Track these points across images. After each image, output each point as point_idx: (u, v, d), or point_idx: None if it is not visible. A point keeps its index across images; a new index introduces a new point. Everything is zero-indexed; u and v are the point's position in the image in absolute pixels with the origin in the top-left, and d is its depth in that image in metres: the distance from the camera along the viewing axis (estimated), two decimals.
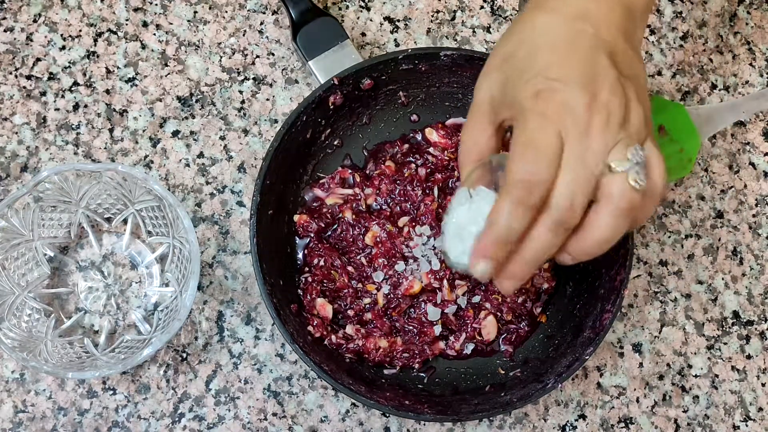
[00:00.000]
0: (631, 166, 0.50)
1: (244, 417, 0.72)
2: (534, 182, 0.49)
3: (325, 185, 0.74)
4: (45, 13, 0.77)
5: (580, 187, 0.50)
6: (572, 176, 0.49)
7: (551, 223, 0.50)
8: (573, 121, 0.50)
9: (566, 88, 0.50)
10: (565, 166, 0.50)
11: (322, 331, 0.71)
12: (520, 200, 0.50)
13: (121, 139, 0.76)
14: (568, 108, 0.50)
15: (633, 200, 0.50)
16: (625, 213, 0.50)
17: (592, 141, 0.50)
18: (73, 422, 0.70)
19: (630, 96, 0.51)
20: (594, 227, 0.51)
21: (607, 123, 0.50)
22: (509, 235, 0.51)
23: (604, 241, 0.51)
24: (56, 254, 0.73)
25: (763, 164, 0.80)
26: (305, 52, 0.74)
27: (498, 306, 0.72)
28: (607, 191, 0.50)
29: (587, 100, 0.50)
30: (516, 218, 0.50)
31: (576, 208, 0.50)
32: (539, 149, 0.50)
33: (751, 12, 0.83)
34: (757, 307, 0.77)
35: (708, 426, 0.75)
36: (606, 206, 0.50)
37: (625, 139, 0.50)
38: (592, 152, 0.50)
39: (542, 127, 0.50)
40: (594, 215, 0.51)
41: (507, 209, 0.50)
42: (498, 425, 0.73)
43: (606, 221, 0.51)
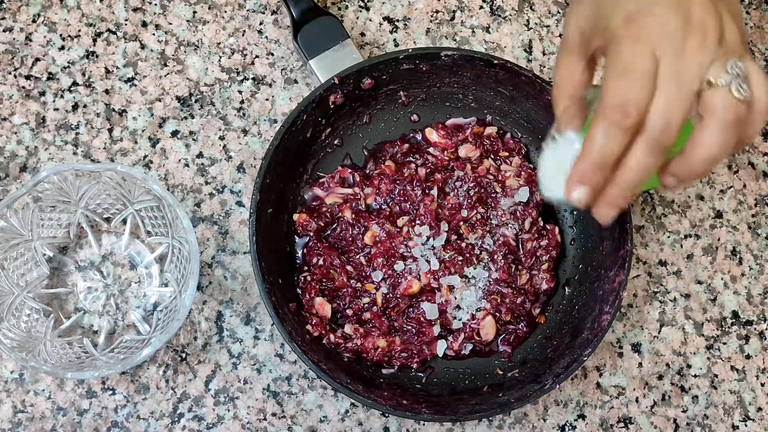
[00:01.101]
0: (732, 78, 0.49)
1: (244, 417, 0.72)
2: (629, 104, 0.49)
3: (324, 184, 0.74)
4: (44, 13, 0.77)
5: (677, 105, 0.49)
6: (668, 95, 0.49)
7: (648, 144, 0.50)
8: (668, 42, 0.49)
9: (659, 10, 0.50)
10: (661, 86, 0.49)
11: (321, 331, 0.71)
12: (616, 123, 0.49)
13: (120, 139, 0.75)
14: (661, 29, 0.50)
15: (738, 112, 0.50)
16: (731, 126, 0.50)
17: (689, 59, 0.49)
18: (73, 422, 0.70)
19: (724, 15, 0.51)
20: (700, 144, 0.50)
21: (703, 42, 0.50)
22: (605, 159, 0.50)
23: (711, 159, 0.51)
24: (55, 254, 0.73)
25: (762, 164, 0.80)
26: (306, 51, 0.74)
27: (497, 306, 0.72)
28: (711, 106, 0.50)
29: (681, 20, 0.50)
30: (612, 142, 0.49)
31: (672, 127, 0.49)
32: (634, 72, 0.49)
33: (750, 12, 0.83)
34: (756, 307, 0.77)
35: (707, 426, 0.75)
36: (712, 121, 0.50)
37: (724, 55, 0.50)
38: (688, 71, 0.49)
39: (636, 50, 0.50)
40: (699, 132, 0.50)
41: (602, 133, 0.50)
42: (497, 425, 0.73)
43: (713, 136, 0.50)
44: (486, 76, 0.73)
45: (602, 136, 0.50)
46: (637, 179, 0.51)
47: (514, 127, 0.77)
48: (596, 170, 0.51)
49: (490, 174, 0.74)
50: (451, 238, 0.73)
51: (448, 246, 0.72)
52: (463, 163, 0.75)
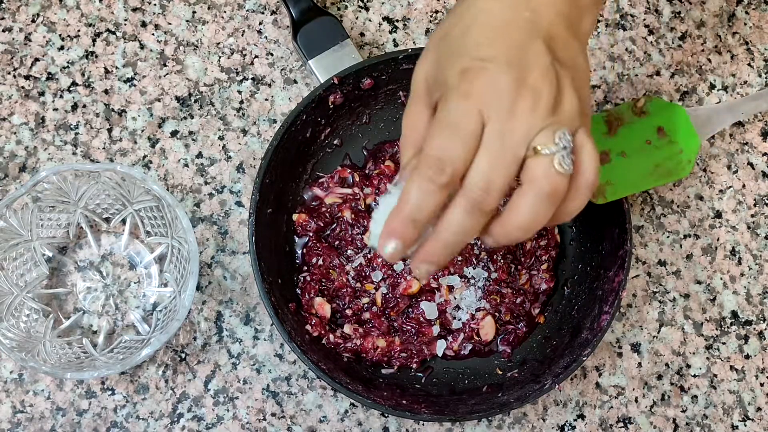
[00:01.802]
0: (557, 150, 0.48)
1: (243, 417, 0.72)
2: (446, 160, 0.48)
3: (324, 184, 0.74)
4: (43, 13, 0.77)
5: (498, 169, 0.48)
6: (490, 157, 0.48)
7: (466, 204, 0.48)
8: (497, 102, 0.48)
9: (493, 68, 0.49)
10: (483, 146, 0.48)
11: (321, 331, 0.71)
12: (430, 178, 0.48)
13: (119, 139, 0.75)
14: (492, 88, 0.48)
15: (556, 184, 0.48)
16: (547, 197, 0.48)
17: (516, 122, 0.48)
18: (72, 422, 0.70)
19: (564, 83, 0.50)
20: (515, 210, 0.49)
21: (534, 106, 0.48)
22: (418, 214, 0.49)
23: (524, 226, 0.49)
24: (55, 254, 0.73)
25: (761, 164, 0.80)
26: (305, 51, 0.74)
27: (496, 306, 0.72)
28: (530, 173, 0.48)
29: (514, 81, 0.48)
30: (425, 197, 0.48)
31: (492, 190, 0.48)
32: (455, 126, 0.48)
33: (750, 12, 0.83)
34: (755, 307, 0.77)
35: (706, 426, 0.75)
36: (528, 189, 0.49)
37: (554, 125, 0.48)
38: (514, 133, 0.48)
39: (463, 105, 0.48)
40: (516, 198, 0.49)
41: (416, 188, 0.48)
42: (497, 425, 0.73)
43: (527, 204, 0.49)
44: None
45: (415, 190, 0.48)
46: (457, 239, 0.50)
47: None
48: (408, 225, 0.49)
49: None
50: None
51: None
52: None
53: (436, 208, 0.49)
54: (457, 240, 0.50)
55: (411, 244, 0.50)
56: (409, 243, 0.50)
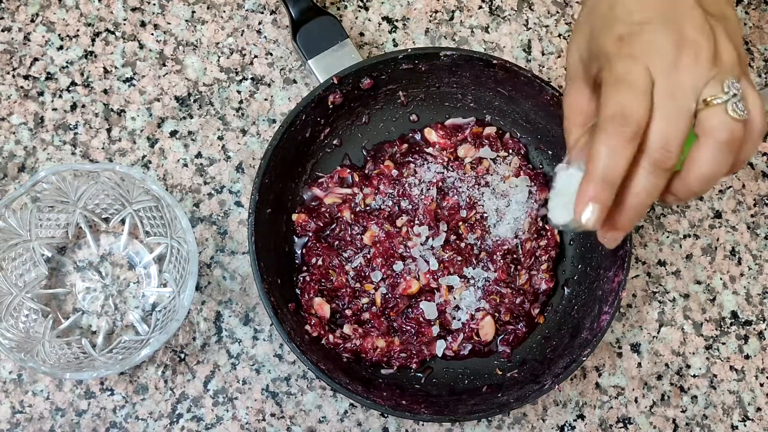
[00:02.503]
0: (728, 98, 0.49)
1: (243, 417, 0.71)
2: (626, 114, 0.48)
3: (323, 184, 0.74)
4: (42, 12, 0.77)
5: (674, 124, 0.49)
6: (664, 113, 0.49)
7: (649, 164, 0.49)
8: (660, 59, 0.49)
9: (650, 29, 0.50)
10: (656, 104, 0.49)
11: (320, 331, 0.71)
12: (616, 134, 0.49)
13: (118, 139, 0.75)
14: (654, 47, 0.50)
15: (734, 131, 0.49)
16: (726, 146, 0.49)
17: (683, 77, 0.49)
18: (71, 423, 0.70)
19: (719, 35, 0.51)
20: (696, 163, 0.50)
21: (697, 59, 0.49)
22: (611, 174, 0.49)
23: (707, 178, 0.50)
24: (54, 254, 0.72)
25: (761, 164, 0.80)
26: (305, 51, 0.74)
27: (496, 307, 0.72)
28: (706, 124, 0.49)
29: (672, 38, 0.50)
30: (615, 154, 0.49)
31: (671, 147, 0.49)
32: (629, 83, 0.49)
33: (750, 12, 0.83)
34: (755, 307, 0.77)
35: (706, 426, 0.75)
36: (707, 140, 0.49)
37: (719, 75, 0.49)
38: (683, 88, 0.49)
39: (630, 66, 0.49)
40: (696, 151, 0.50)
41: (604, 148, 0.49)
42: (496, 425, 0.73)
43: (708, 156, 0.49)
44: (485, 76, 0.73)
45: (604, 150, 0.49)
46: (643, 202, 0.51)
47: (513, 127, 0.77)
48: (604, 186, 0.50)
49: (489, 174, 0.74)
50: (450, 238, 0.73)
51: (447, 246, 0.72)
52: (462, 163, 0.74)
53: (627, 164, 0.49)
54: (644, 202, 0.50)
55: (608, 205, 0.50)
56: (606, 204, 0.50)
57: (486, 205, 0.74)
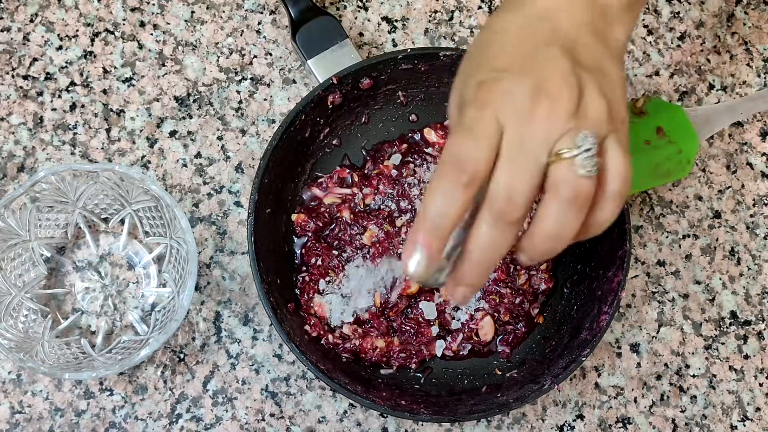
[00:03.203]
0: (578, 152, 0.46)
1: (242, 417, 0.71)
2: (464, 159, 0.46)
3: (323, 184, 0.74)
4: (42, 12, 0.77)
5: (519, 175, 0.46)
6: (510, 164, 0.46)
7: (490, 217, 0.47)
8: (513, 108, 0.47)
9: (509, 77, 0.47)
10: (503, 154, 0.46)
11: (319, 331, 0.71)
12: (450, 179, 0.46)
13: (118, 139, 0.75)
14: (508, 95, 0.47)
15: (579, 188, 0.46)
16: (570, 202, 0.46)
17: (534, 127, 0.46)
18: (70, 423, 0.70)
19: (588, 88, 0.48)
20: (540, 220, 0.47)
21: (553, 110, 0.46)
22: (441, 220, 0.46)
23: (551, 236, 0.48)
24: (53, 255, 0.72)
25: (760, 164, 0.80)
26: (304, 51, 0.74)
27: (495, 307, 0.72)
28: (551, 178, 0.46)
29: (530, 88, 0.47)
30: (447, 199, 0.46)
31: (516, 199, 0.46)
32: (471, 130, 0.47)
33: (749, 12, 0.83)
34: (754, 307, 0.77)
35: (706, 426, 0.75)
36: (550, 195, 0.47)
37: (577, 128, 0.47)
38: (533, 139, 0.46)
39: (479, 113, 0.47)
40: (540, 207, 0.47)
41: (437, 190, 0.46)
42: (496, 425, 0.73)
43: (551, 212, 0.47)
44: None
45: (437, 195, 0.46)
46: (488, 256, 0.47)
47: None
48: (432, 233, 0.46)
49: None
50: None
51: None
52: None
53: (460, 212, 0.46)
54: (488, 257, 0.48)
55: (437, 255, 0.47)
56: (434, 255, 0.47)
57: None
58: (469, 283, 0.49)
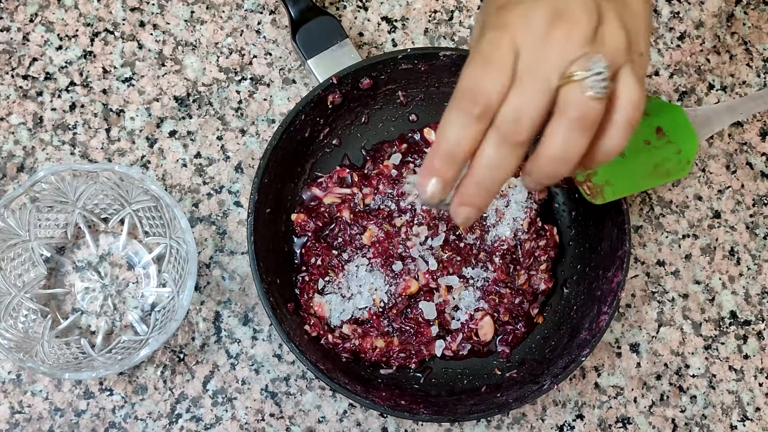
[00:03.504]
0: (589, 75, 0.46)
1: (242, 417, 0.71)
2: (477, 91, 0.46)
3: (323, 184, 0.74)
4: (41, 12, 0.77)
5: (529, 98, 0.46)
6: (521, 87, 0.46)
7: (496, 137, 0.47)
8: (529, 31, 0.47)
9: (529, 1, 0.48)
10: (516, 78, 0.46)
11: (319, 331, 0.71)
12: (464, 110, 0.47)
13: (117, 139, 0.75)
14: (526, 18, 0.47)
15: (586, 109, 0.46)
16: (576, 123, 0.46)
17: (549, 51, 0.46)
18: (70, 423, 0.70)
19: (607, 16, 0.48)
20: (546, 141, 0.47)
21: (568, 35, 0.46)
22: (455, 149, 0.47)
23: (556, 158, 0.47)
24: (53, 255, 0.72)
25: (760, 164, 0.80)
26: (304, 50, 0.74)
27: (495, 307, 0.72)
28: (560, 100, 0.46)
29: (548, 12, 0.47)
30: (461, 131, 0.47)
31: (522, 121, 0.46)
32: (487, 57, 0.47)
33: (749, 12, 0.83)
34: (754, 307, 0.77)
35: (705, 426, 0.75)
36: (558, 116, 0.47)
37: (591, 53, 0.46)
38: (546, 62, 0.46)
39: (496, 38, 0.47)
40: (548, 128, 0.47)
41: (451, 123, 0.47)
42: (496, 425, 0.73)
43: (557, 133, 0.47)
44: None
45: (451, 125, 0.47)
46: (492, 177, 0.48)
47: None
48: (447, 161, 0.48)
49: None
50: (449, 238, 0.73)
51: (447, 246, 0.72)
52: None
53: (473, 142, 0.47)
54: (492, 176, 0.48)
55: (451, 182, 0.48)
56: (449, 181, 0.48)
57: None
58: (473, 203, 0.49)
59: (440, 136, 0.48)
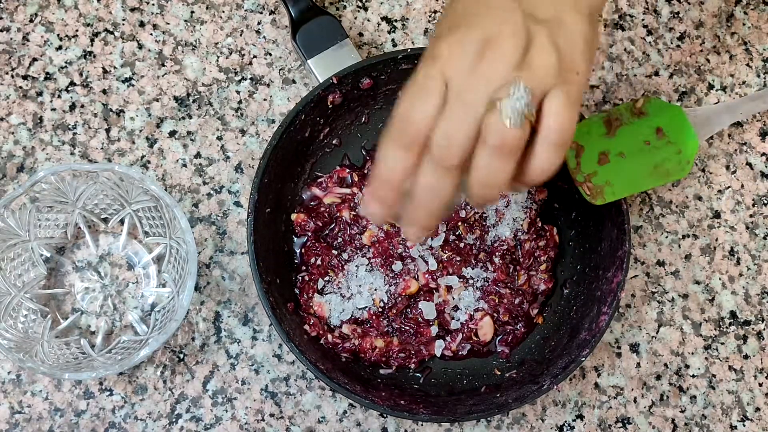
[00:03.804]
0: (508, 103, 0.47)
1: (242, 418, 0.71)
2: (408, 121, 0.49)
3: (323, 184, 0.74)
4: (41, 12, 0.77)
5: (456, 125, 0.48)
6: (449, 114, 0.49)
7: (430, 163, 0.49)
8: (459, 61, 0.49)
9: (460, 31, 0.49)
10: (446, 105, 0.49)
11: (319, 331, 0.71)
12: (395, 139, 0.50)
13: (117, 139, 0.75)
14: (455, 48, 0.49)
15: (505, 138, 0.48)
16: (496, 151, 0.48)
17: (475, 79, 0.48)
18: (70, 423, 0.70)
19: (537, 39, 0.49)
20: (473, 168, 0.50)
21: (495, 61, 0.48)
22: (390, 176, 0.50)
23: (483, 184, 0.50)
24: (53, 255, 0.72)
25: (760, 164, 0.80)
26: (305, 50, 0.74)
27: (495, 307, 0.72)
28: (483, 128, 0.48)
29: (478, 40, 0.49)
30: (394, 160, 0.50)
31: (452, 147, 0.48)
32: (418, 88, 0.50)
33: (748, 12, 0.83)
34: (754, 307, 0.77)
35: (705, 426, 0.75)
36: (480, 144, 0.49)
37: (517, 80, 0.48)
38: (473, 89, 0.48)
39: (428, 68, 0.50)
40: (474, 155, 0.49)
41: (385, 151, 0.51)
42: (495, 425, 0.73)
43: (481, 160, 0.49)
44: None
45: (385, 153, 0.51)
46: (429, 198, 0.51)
47: None
48: (384, 187, 0.51)
49: None
50: (449, 238, 0.73)
51: (446, 246, 0.72)
52: None
53: (406, 168, 0.50)
54: (431, 199, 0.51)
55: (391, 204, 0.52)
56: (389, 204, 0.51)
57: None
58: (418, 223, 0.52)
59: (378, 162, 0.51)
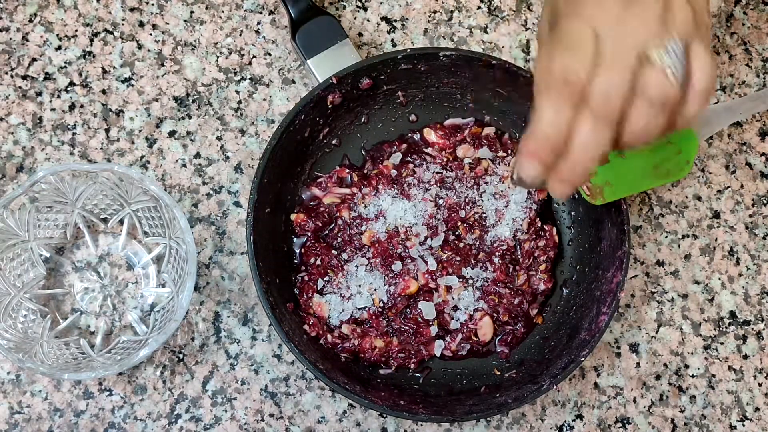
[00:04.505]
0: (667, 59, 0.49)
1: (241, 418, 0.71)
2: (568, 74, 0.49)
3: (322, 184, 0.74)
4: (41, 12, 0.77)
5: (613, 78, 0.49)
6: (605, 67, 0.49)
7: (588, 116, 0.50)
8: (605, 17, 0.50)
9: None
10: (600, 59, 0.50)
11: (318, 331, 0.71)
12: (558, 95, 0.50)
13: (117, 139, 0.75)
14: (599, 5, 0.51)
15: (667, 93, 0.50)
16: (658, 105, 0.50)
17: (626, 33, 0.50)
18: (69, 423, 0.70)
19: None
20: (630, 119, 0.51)
21: (642, 16, 0.50)
22: (553, 133, 0.50)
23: (639, 134, 0.51)
24: (52, 255, 0.72)
25: (759, 164, 0.80)
26: (304, 50, 0.74)
27: (494, 307, 0.72)
28: (641, 82, 0.50)
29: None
30: (556, 113, 0.50)
31: (611, 100, 0.49)
32: (569, 44, 0.50)
33: (748, 12, 0.83)
34: (753, 307, 0.77)
35: (705, 426, 0.75)
36: (638, 97, 0.50)
37: (665, 34, 0.50)
38: (625, 44, 0.50)
39: (575, 24, 0.51)
40: (630, 107, 0.51)
41: (546, 105, 0.50)
42: (495, 425, 0.73)
43: (641, 112, 0.50)
44: (484, 76, 0.73)
45: (546, 109, 0.50)
46: (587, 154, 0.51)
47: (513, 128, 0.77)
48: (545, 145, 0.51)
49: (488, 174, 0.74)
50: (448, 238, 0.73)
51: (446, 246, 0.72)
52: (461, 163, 0.74)
53: (568, 123, 0.50)
54: (588, 155, 0.51)
55: (550, 165, 0.51)
56: (546, 162, 0.51)
57: (485, 205, 0.74)
58: (572, 180, 0.52)
59: (537, 121, 0.51)
